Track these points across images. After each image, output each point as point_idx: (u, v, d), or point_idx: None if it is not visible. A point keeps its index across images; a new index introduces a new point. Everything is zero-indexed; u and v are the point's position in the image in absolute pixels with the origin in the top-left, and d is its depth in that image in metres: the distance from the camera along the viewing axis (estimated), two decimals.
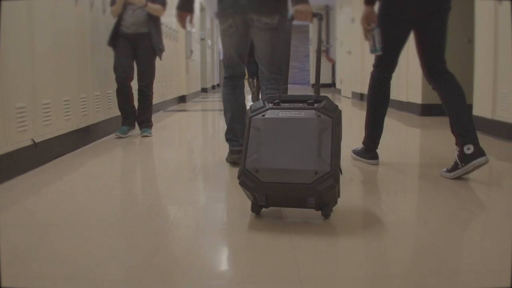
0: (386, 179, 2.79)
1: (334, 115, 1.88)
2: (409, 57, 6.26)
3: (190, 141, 4.66)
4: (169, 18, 7.55)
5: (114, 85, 4.31)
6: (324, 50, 15.31)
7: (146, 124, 4.49)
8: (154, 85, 6.54)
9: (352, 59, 9.11)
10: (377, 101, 2.94)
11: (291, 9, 2.51)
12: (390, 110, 6.84)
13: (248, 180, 1.85)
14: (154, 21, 4.27)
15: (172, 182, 2.76)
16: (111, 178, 2.91)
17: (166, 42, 7.29)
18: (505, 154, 3.52)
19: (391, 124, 5.43)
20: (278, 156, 1.83)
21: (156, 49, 4.30)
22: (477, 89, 4.43)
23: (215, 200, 2.40)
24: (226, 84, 2.93)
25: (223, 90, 2.94)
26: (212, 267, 1.57)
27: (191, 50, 8.91)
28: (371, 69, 2.97)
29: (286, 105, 1.95)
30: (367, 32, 2.75)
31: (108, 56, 4.32)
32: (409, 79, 6.25)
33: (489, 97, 4.16)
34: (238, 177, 1.88)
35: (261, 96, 2.88)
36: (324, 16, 2.23)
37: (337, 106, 1.93)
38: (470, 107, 4.48)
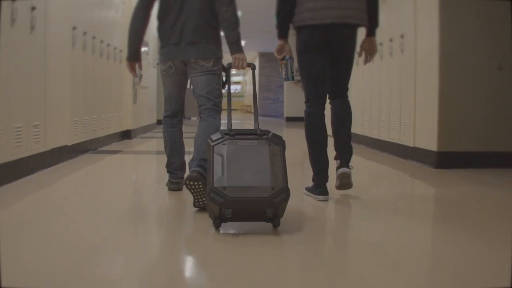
0: None
1: (280, 144, 2.37)
2: (416, 92, 4.82)
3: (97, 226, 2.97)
4: (110, 36, 5.92)
5: None
6: (298, 80, 13.91)
7: None
8: (77, 118, 4.83)
9: None
10: (314, 135, 3.03)
11: (231, 57, 2.96)
12: (389, 157, 5.54)
13: (217, 196, 2.20)
14: None
15: None
16: None
17: (106, 63, 5.63)
18: None
19: (391, 175, 3.90)
20: (241, 176, 2.25)
21: None
22: None
23: None
24: (165, 122, 3.25)
25: (163, 128, 3.25)
26: None
27: (140, 75, 7.27)
28: (358, 100, 3.27)
29: (240, 136, 2.37)
30: (281, 62, 3.03)
31: None
32: (416, 118, 4.73)
33: None
34: (207, 195, 2.23)
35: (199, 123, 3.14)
36: (256, 66, 2.95)
37: (281, 137, 2.39)
38: None
